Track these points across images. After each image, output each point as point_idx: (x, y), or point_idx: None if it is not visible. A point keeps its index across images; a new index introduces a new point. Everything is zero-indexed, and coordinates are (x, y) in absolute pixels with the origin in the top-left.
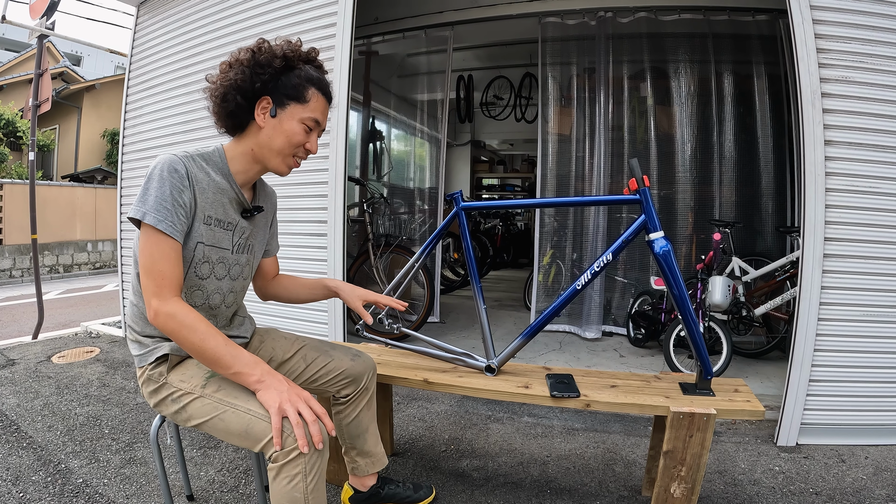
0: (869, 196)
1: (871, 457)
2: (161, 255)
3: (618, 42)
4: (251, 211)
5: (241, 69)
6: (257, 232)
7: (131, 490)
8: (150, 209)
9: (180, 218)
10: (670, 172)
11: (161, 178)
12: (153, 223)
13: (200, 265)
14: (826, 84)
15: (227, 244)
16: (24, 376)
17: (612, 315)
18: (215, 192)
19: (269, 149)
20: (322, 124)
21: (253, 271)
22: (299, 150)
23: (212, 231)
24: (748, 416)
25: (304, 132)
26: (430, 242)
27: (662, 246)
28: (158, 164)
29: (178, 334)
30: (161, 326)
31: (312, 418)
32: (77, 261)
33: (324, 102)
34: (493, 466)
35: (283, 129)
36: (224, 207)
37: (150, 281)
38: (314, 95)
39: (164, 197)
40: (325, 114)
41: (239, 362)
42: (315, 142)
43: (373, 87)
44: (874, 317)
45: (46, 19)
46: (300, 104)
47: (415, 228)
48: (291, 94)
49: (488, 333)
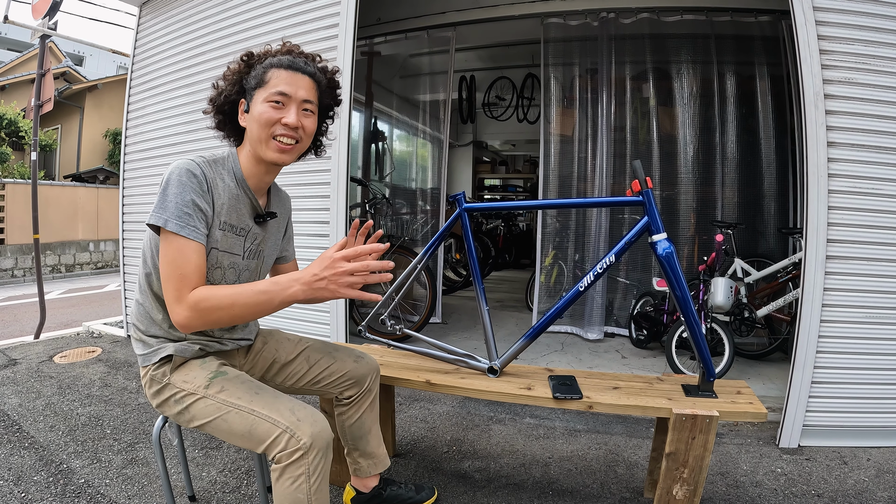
0: (872, 198)
1: (874, 459)
2: (185, 261)
3: (620, 43)
4: (264, 217)
5: (217, 93)
6: (269, 238)
7: (133, 490)
8: (172, 216)
9: (201, 221)
10: (672, 173)
11: (180, 184)
12: (176, 230)
13: (213, 270)
14: (829, 85)
15: (238, 250)
16: (25, 376)
17: (615, 316)
18: (230, 197)
19: (253, 141)
20: (295, 95)
21: (263, 277)
22: (276, 128)
23: (226, 237)
24: (751, 418)
25: (273, 108)
26: (433, 244)
27: (665, 248)
28: (176, 170)
29: (212, 316)
30: (193, 325)
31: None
32: (79, 260)
33: (286, 74)
34: (495, 468)
35: (254, 116)
36: (238, 213)
37: (172, 286)
38: (273, 73)
39: (185, 202)
40: (292, 84)
41: (278, 296)
42: (293, 114)
43: (375, 87)
44: (877, 318)
45: (49, 19)
46: (262, 88)
47: (417, 229)
48: (255, 84)
49: (491, 335)
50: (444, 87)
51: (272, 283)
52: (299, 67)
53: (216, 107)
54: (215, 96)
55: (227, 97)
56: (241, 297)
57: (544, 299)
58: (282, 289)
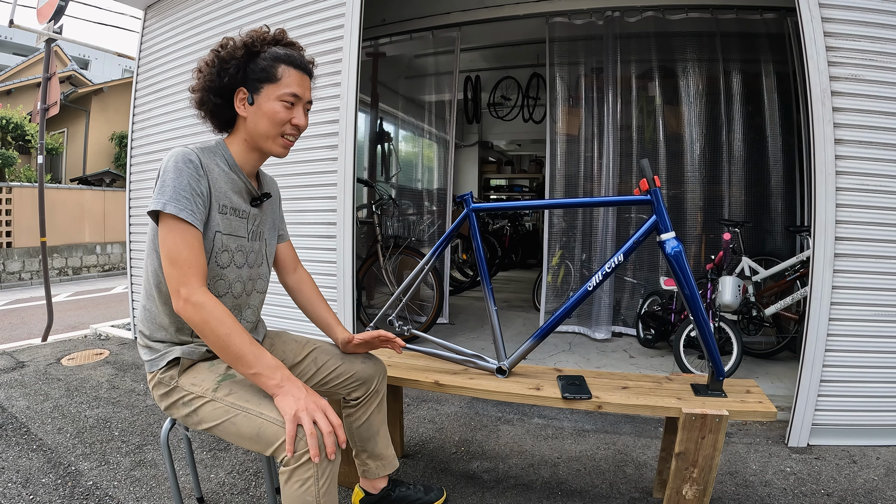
0: (881, 195)
1: (883, 458)
2: (185, 244)
3: (625, 41)
4: (259, 198)
5: (208, 71)
6: (266, 219)
7: (141, 493)
8: (170, 199)
9: (199, 206)
10: (679, 172)
11: (177, 169)
12: (174, 212)
13: (220, 254)
14: (836, 82)
15: (243, 232)
16: (33, 378)
17: (622, 316)
18: (226, 181)
19: (259, 134)
20: (304, 97)
21: (270, 258)
22: (286, 128)
23: (228, 220)
24: (760, 417)
25: (285, 108)
26: (440, 245)
27: (674, 247)
28: (172, 157)
29: (206, 326)
30: (189, 316)
31: (328, 429)
32: (86, 263)
33: (297, 75)
34: (504, 468)
35: (264, 112)
36: (237, 196)
37: (176, 270)
38: (285, 71)
39: (183, 186)
40: (302, 86)
41: (261, 364)
42: (302, 116)
43: (381, 88)
44: (887, 316)
45: (54, 23)
46: (273, 84)
47: (423, 230)
48: (262, 76)
49: (499, 335)
50: (450, 87)
51: (266, 354)
52: (306, 69)
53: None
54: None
55: (226, 83)
56: (238, 338)
57: (551, 299)
58: (267, 367)
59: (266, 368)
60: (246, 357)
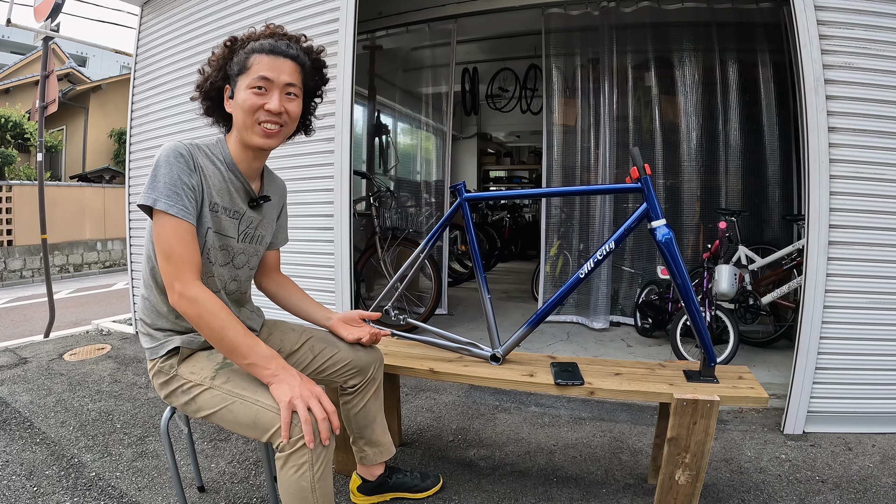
0: (874, 183)
1: (878, 445)
2: (178, 239)
3: (621, 32)
4: (258, 200)
5: (202, 78)
6: (266, 223)
7: (143, 482)
8: (161, 195)
9: (191, 201)
10: (676, 162)
11: (168, 164)
12: (165, 208)
13: (211, 251)
14: (829, 70)
15: (232, 232)
16: (36, 374)
17: (620, 305)
18: (220, 180)
19: (239, 127)
20: (277, 80)
21: (258, 260)
22: (260, 114)
23: (217, 218)
24: (752, 402)
25: (255, 94)
26: (434, 234)
27: (665, 234)
28: (164, 151)
29: (200, 319)
30: (183, 310)
31: (322, 415)
32: (87, 260)
33: (267, 59)
34: (500, 456)
35: (238, 103)
36: (230, 196)
37: (170, 265)
38: (255, 59)
39: (174, 181)
40: (273, 68)
41: (255, 354)
42: (275, 99)
43: (378, 81)
44: (881, 304)
45: (51, 21)
46: (245, 74)
47: (422, 221)
48: (239, 70)
49: (493, 322)
50: (447, 79)
51: (260, 345)
52: (281, 51)
53: (203, 93)
54: (201, 82)
55: (213, 83)
56: (232, 329)
57: (550, 289)
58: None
59: (260, 358)
60: (240, 348)
